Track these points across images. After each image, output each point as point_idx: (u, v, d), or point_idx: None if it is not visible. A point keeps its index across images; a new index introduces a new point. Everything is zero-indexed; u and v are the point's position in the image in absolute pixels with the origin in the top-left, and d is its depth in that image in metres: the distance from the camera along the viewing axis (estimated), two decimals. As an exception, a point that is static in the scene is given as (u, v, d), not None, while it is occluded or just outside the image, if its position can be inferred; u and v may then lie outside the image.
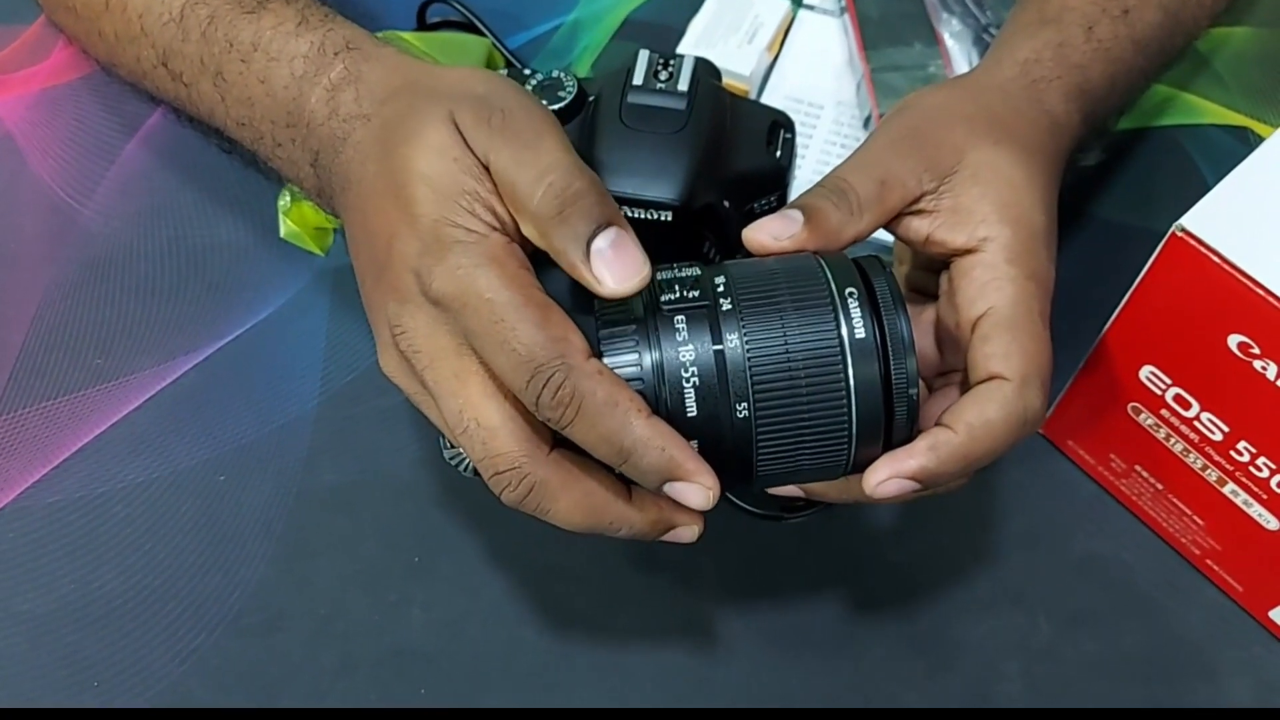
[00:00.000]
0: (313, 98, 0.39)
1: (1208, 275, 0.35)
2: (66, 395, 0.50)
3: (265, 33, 0.42)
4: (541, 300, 0.33)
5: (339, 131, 0.38)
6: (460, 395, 0.34)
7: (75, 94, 0.58)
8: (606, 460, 0.33)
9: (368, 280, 0.37)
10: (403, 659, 0.44)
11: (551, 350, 0.32)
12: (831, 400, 0.33)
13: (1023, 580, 0.45)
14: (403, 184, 0.34)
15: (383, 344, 0.36)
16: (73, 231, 0.54)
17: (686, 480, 0.33)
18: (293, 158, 0.41)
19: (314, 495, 0.47)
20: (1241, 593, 0.44)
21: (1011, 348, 0.35)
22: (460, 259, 0.33)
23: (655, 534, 0.36)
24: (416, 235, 0.34)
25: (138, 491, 0.47)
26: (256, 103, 0.42)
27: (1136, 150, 0.54)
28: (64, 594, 0.45)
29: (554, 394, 0.32)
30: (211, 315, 0.52)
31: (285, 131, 0.41)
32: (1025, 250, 0.36)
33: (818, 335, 0.32)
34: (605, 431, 0.32)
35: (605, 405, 0.32)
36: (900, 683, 0.43)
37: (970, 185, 0.37)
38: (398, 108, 0.37)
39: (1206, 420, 0.39)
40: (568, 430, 0.32)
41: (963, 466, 0.34)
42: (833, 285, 0.33)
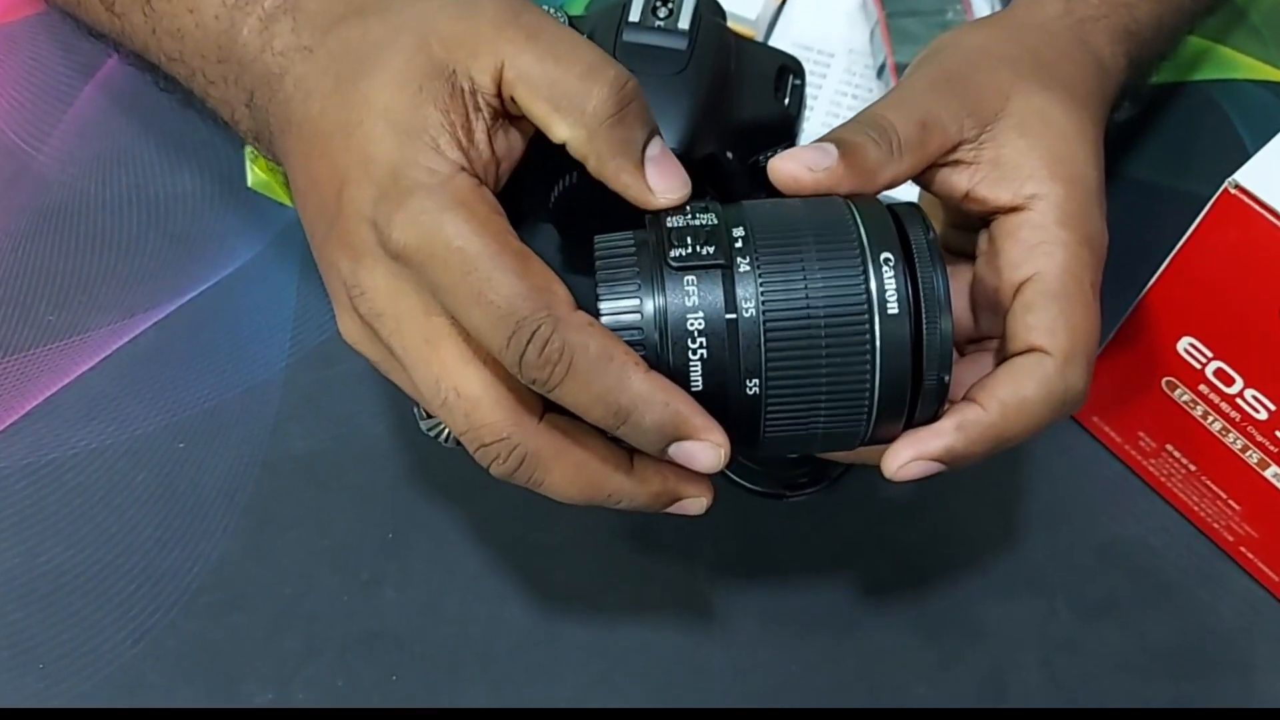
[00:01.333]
0: (245, 29, 0.35)
1: (1262, 237, 0.32)
2: (15, 354, 0.46)
3: None
4: (518, 248, 0.29)
5: (274, 66, 0.34)
6: (434, 363, 0.30)
7: (30, 31, 0.54)
8: (602, 424, 0.29)
9: (317, 235, 0.33)
10: (374, 642, 0.41)
11: (534, 301, 0.28)
12: (854, 368, 0.29)
13: (1042, 565, 0.42)
14: (357, 121, 0.31)
15: (340, 307, 0.33)
16: (26, 178, 0.50)
17: (694, 438, 0.29)
18: (226, 97, 0.37)
19: (281, 465, 0.44)
20: (1276, 582, 0.41)
21: (1058, 320, 0.31)
22: (423, 203, 0.29)
23: (659, 506, 0.32)
24: (371, 179, 0.30)
25: (90, 458, 0.44)
26: (186, 35, 0.38)
27: (1169, 106, 0.51)
28: (8, 568, 0.42)
29: (540, 350, 0.28)
30: (173, 270, 0.48)
31: (216, 68, 0.37)
32: (1078, 211, 0.32)
33: (844, 299, 0.29)
34: (600, 389, 0.28)
35: (599, 360, 0.28)
36: (909, 672, 0.40)
37: (1016, 135, 0.33)
38: (348, 36, 0.33)
39: (1250, 397, 0.36)
40: (557, 392, 0.29)
41: (993, 448, 0.31)
42: (865, 241, 0.29)
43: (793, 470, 0.43)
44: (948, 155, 0.33)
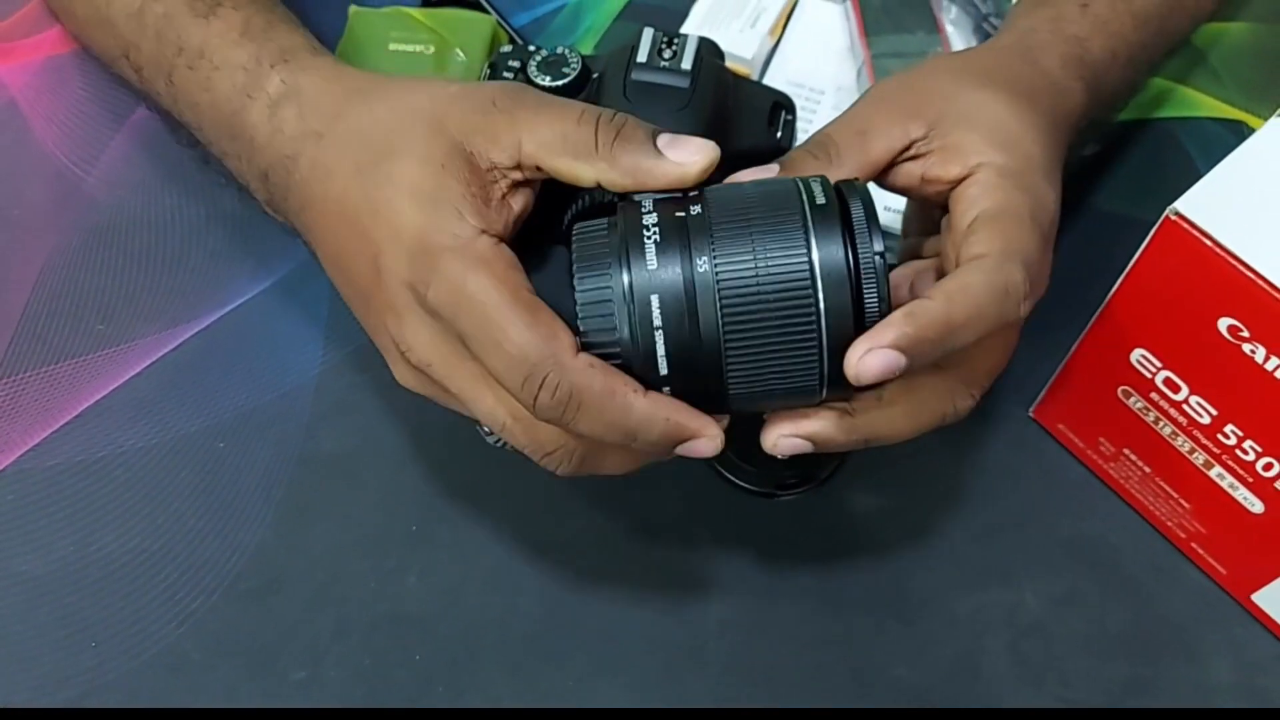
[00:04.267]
0: (253, 112, 0.40)
1: (1200, 259, 0.36)
2: (68, 360, 0.50)
3: (212, 39, 0.42)
4: (529, 300, 0.33)
5: (287, 149, 0.39)
6: (488, 396, 0.35)
7: (81, 62, 0.58)
8: (616, 443, 0.34)
9: (357, 305, 0.38)
10: (399, 624, 0.45)
11: (543, 349, 0.32)
12: (801, 323, 0.32)
13: (1011, 560, 0.46)
14: (385, 199, 0.35)
15: (393, 361, 0.37)
16: (76, 199, 0.54)
17: (695, 437, 0.34)
18: (240, 170, 0.42)
19: (314, 462, 0.48)
20: (1225, 575, 0.45)
21: (994, 233, 0.35)
22: (451, 264, 0.33)
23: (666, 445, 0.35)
24: (403, 247, 0.34)
25: (138, 456, 0.48)
26: (203, 110, 0.42)
27: (1132, 142, 0.55)
28: (63, 556, 0.46)
29: (552, 395, 0.32)
30: (214, 284, 0.52)
31: (230, 144, 0.41)
32: (1019, 169, 0.36)
33: (787, 259, 0.32)
34: (610, 420, 0.33)
35: (604, 396, 0.32)
36: (890, 655, 0.44)
37: (960, 124, 0.37)
38: (357, 123, 0.37)
39: (1195, 403, 0.40)
40: (572, 426, 0.33)
41: (943, 335, 0.33)
42: (806, 208, 0.33)
43: (783, 471, 0.47)
44: (904, 154, 0.37)
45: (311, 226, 0.38)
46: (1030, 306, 0.35)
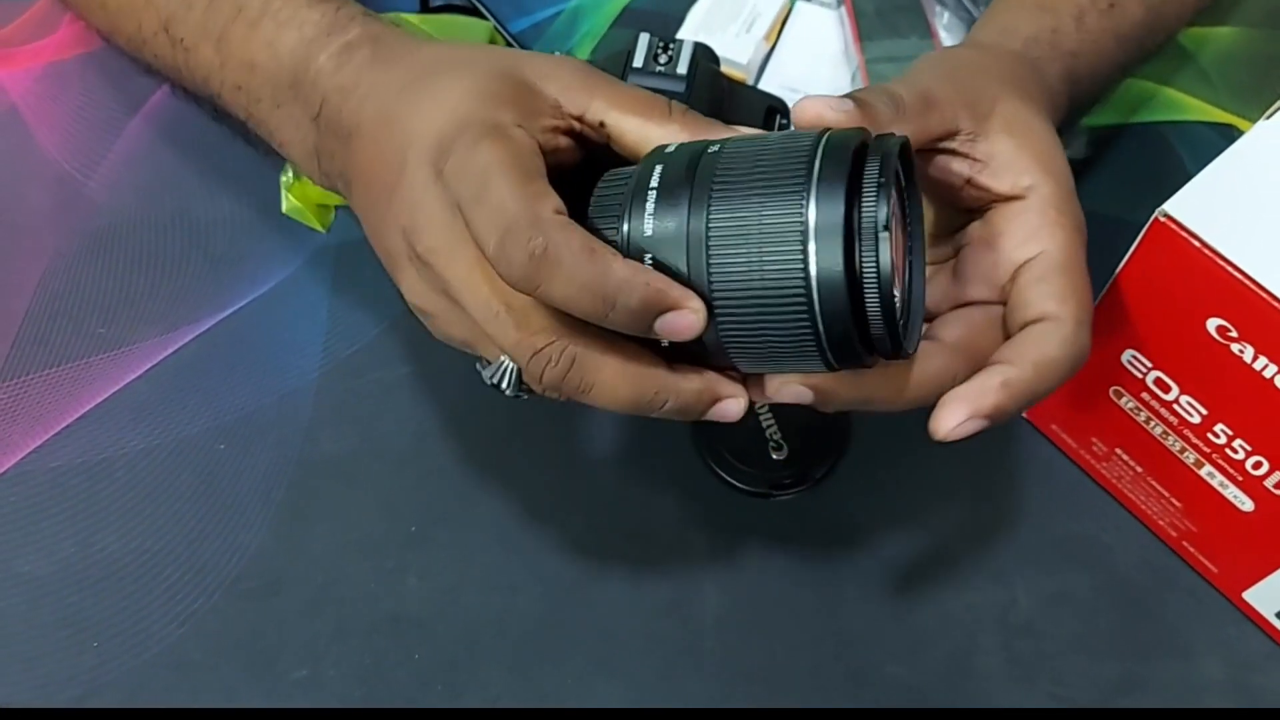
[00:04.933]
0: (321, 57, 0.41)
1: (1189, 260, 0.37)
2: (70, 363, 0.50)
3: (275, 1, 0.43)
4: (529, 170, 0.33)
5: (348, 80, 0.40)
6: (483, 283, 0.33)
7: (81, 68, 0.59)
8: (593, 312, 0.31)
9: (379, 208, 0.37)
10: (398, 624, 0.45)
11: (522, 206, 0.31)
12: (791, 287, 0.31)
13: (1004, 559, 0.47)
14: (434, 96, 0.35)
15: (401, 269, 0.36)
16: (77, 203, 0.55)
17: (676, 308, 0.31)
18: (293, 115, 0.42)
19: (314, 464, 0.48)
20: (1216, 574, 0.45)
21: (1068, 290, 0.36)
22: (474, 136, 0.33)
23: (701, 406, 0.34)
24: (436, 130, 0.34)
25: (139, 458, 0.48)
26: (259, 66, 0.43)
27: (1123, 145, 0.56)
28: (65, 556, 0.46)
29: (526, 251, 0.31)
30: (214, 287, 0.52)
31: (286, 92, 0.42)
32: (1067, 201, 0.37)
33: (782, 217, 0.31)
34: (586, 279, 0.31)
35: (581, 252, 0.31)
36: (883, 652, 0.44)
37: (1006, 135, 0.37)
38: (436, 51, 0.38)
39: (1185, 403, 0.41)
40: (545, 288, 0.31)
41: (1027, 403, 0.35)
42: (817, 164, 0.31)
43: (779, 472, 0.47)
44: (945, 143, 0.37)
45: (354, 150, 0.39)
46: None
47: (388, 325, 0.51)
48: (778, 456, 0.48)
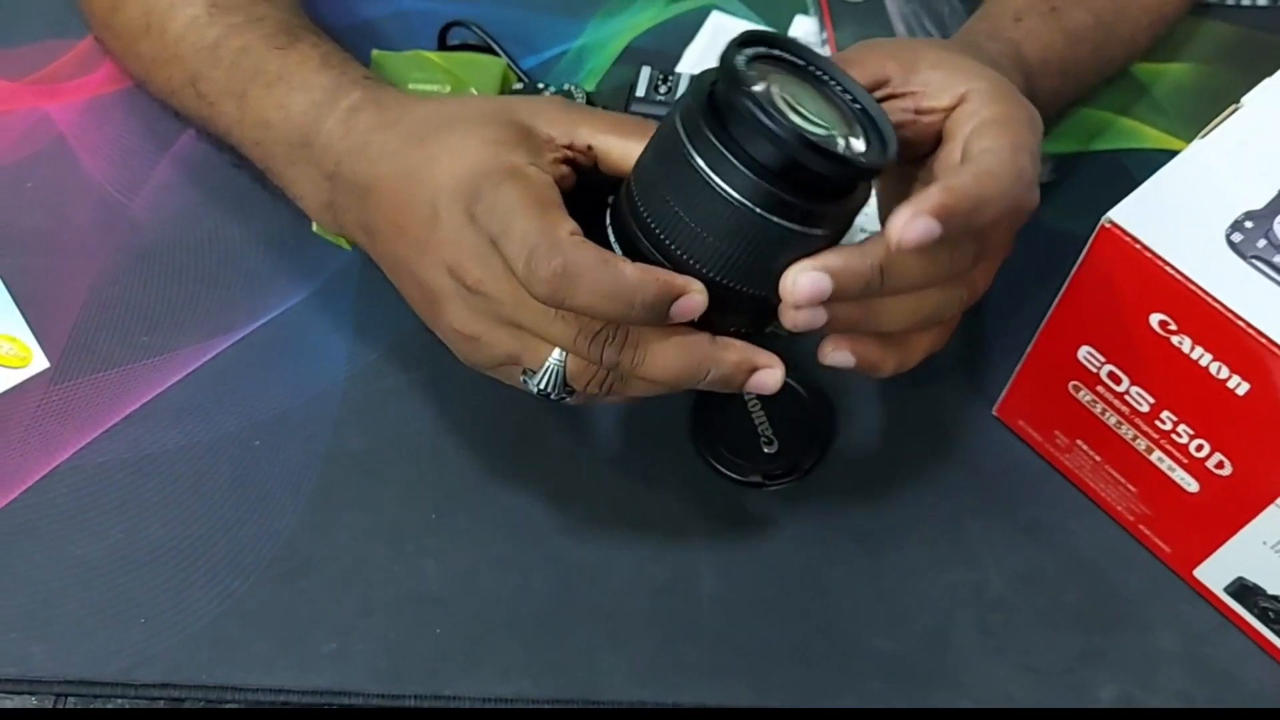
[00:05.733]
0: (330, 120, 0.46)
1: (1132, 262, 0.41)
2: (115, 368, 0.55)
3: (291, 66, 0.48)
4: (547, 202, 0.38)
5: (358, 142, 0.44)
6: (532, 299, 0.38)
7: (123, 101, 0.64)
8: (616, 314, 0.36)
9: (412, 258, 0.42)
10: (419, 603, 0.49)
11: (541, 232, 0.36)
12: (724, 212, 0.37)
13: (977, 543, 0.51)
14: (448, 149, 0.40)
15: (446, 299, 0.41)
16: (121, 224, 0.59)
17: (683, 293, 0.37)
18: (306, 172, 0.47)
19: (341, 458, 0.52)
20: (1170, 554, 0.49)
21: (1001, 130, 0.40)
22: (497, 179, 0.38)
23: (740, 376, 0.39)
24: (463, 179, 0.39)
25: (180, 454, 0.52)
26: (273, 126, 0.48)
27: (1084, 171, 0.60)
28: (114, 542, 0.50)
29: (549, 269, 0.36)
30: (247, 300, 0.57)
31: (299, 151, 0.47)
32: (1007, 93, 0.41)
33: (680, 174, 0.37)
34: (606, 287, 0.36)
35: (596, 264, 0.36)
36: (866, 627, 0.48)
37: (934, 68, 0.42)
38: (428, 111, 0.43)
39: (1135, 393, 0.45)
40: (570, 300, 0.36)
41: (972, 208, 0.37)
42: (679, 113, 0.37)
43: (769, 465, 0.52)
44: (886, 90, 0.42)
45: (373, 204, 0.43)
46: (1035, 198, 0.40)
47: (406, 333, 0.55)
48: (768, 450, 0.52)
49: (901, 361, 0.42)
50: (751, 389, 0.39)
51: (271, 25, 0.52)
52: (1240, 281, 0.40)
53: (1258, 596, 0.46)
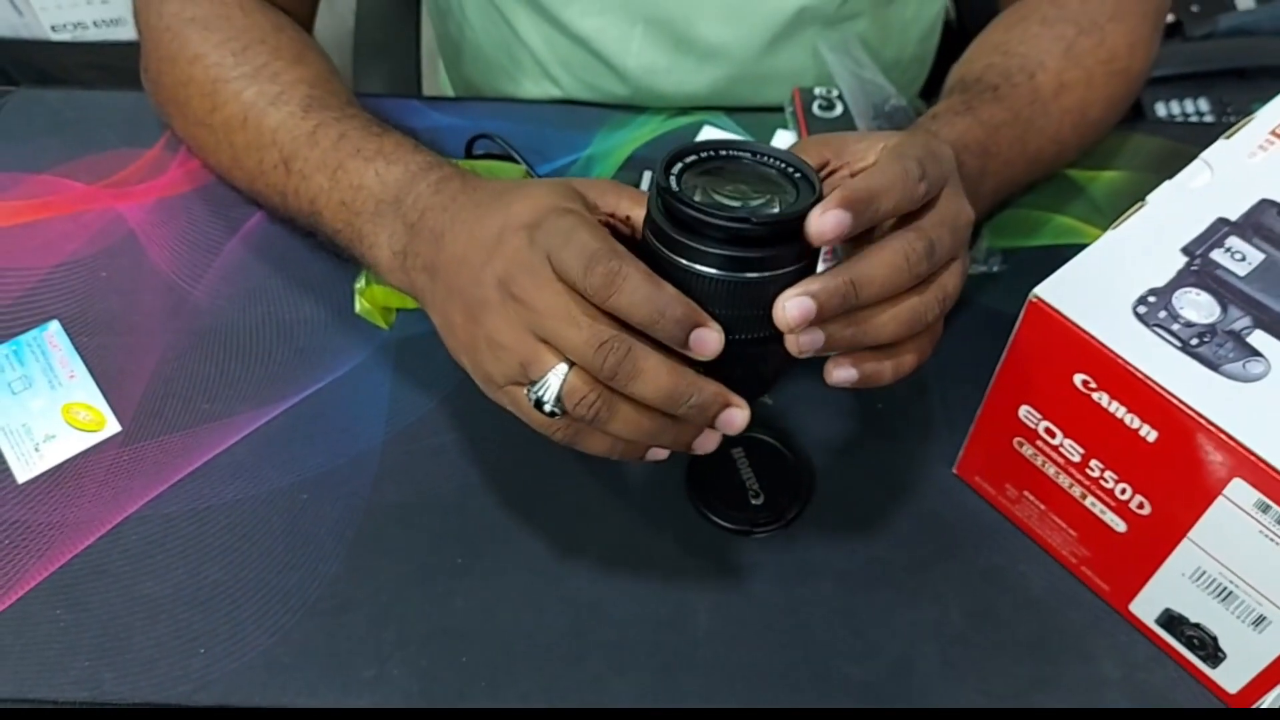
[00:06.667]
0: (423, 184, 0.55)
1: (1056, 329, 0.49)
2: (179, 432, 0.62)
3: (389, 146, 0.58)
4: (602, 230, 0.46)
5: (445, 200, 0.54)
6: (561, 298, 0.45)
7: (187, 202, 0.72)
8: (647, 319, 0.43)
9: (470, 275, 0.49)
10: (448, 635, 0.55)
11: (602, 244, 0.44)
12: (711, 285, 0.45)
13: (940, 584, 0.57)
14: (519, 194, 0.49)
15: (490, 309, 0.47)
16: (185, 308, 0.67)
17: (704, 325, 0.44)
18: (388, 224, 0.56)
19: (380, 511, 0.59)
20: (1108, 591, 0.56)
21: (892, 149, 0.48)
22: (560, 212, 0.47)
23: (715, 408, 0.45)
24: (530, 210, 0.47)
25: (237, 506, 0.59)
26: (366, 188, 0.57)
27: (1027, 262, 0.69)
28: (177, 582, 0.57)
29: (606, 268, 0.43)
30: (297, 373, 0.64)
31: (388, 206, 0.56)
32: (911, 132, 0.50)
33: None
34: (646, 294, 0.43)
35: (644, 275, 0.44)
36: (840, 657, 0.55)
37: (860, 140, 0.50)
38: (497, 187, 0.52)
39: (1068, 445, 0.52)
40: (615, 299, 0.43)
41: (868, 199, 0.45)
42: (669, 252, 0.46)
43: (756, 515, 0.59)
44: (825, 169, 0.50)
45: (445, 245, 0.52)
46: (926, 189, 0.47)
47: (439, 402, 0.63)
48: (756, 503, 0.59)
49: (897, 368, 0.49)
50: (720, 425, 0.46)
51: (364, 120, 0.62)
52: (1146, 346, 0.48)
53: (1183, 625, 0.53)
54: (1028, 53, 0.66)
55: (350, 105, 0.65)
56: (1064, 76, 0.65)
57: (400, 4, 1.02)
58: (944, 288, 0.48)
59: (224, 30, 0.66)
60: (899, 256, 0.46)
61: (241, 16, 0.67)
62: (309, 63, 0.67)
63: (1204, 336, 0.48)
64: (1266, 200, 0.53)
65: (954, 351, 0.63)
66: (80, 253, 0.70)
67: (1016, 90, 0.64)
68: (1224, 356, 0.47)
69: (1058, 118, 0.65)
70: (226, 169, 0.67)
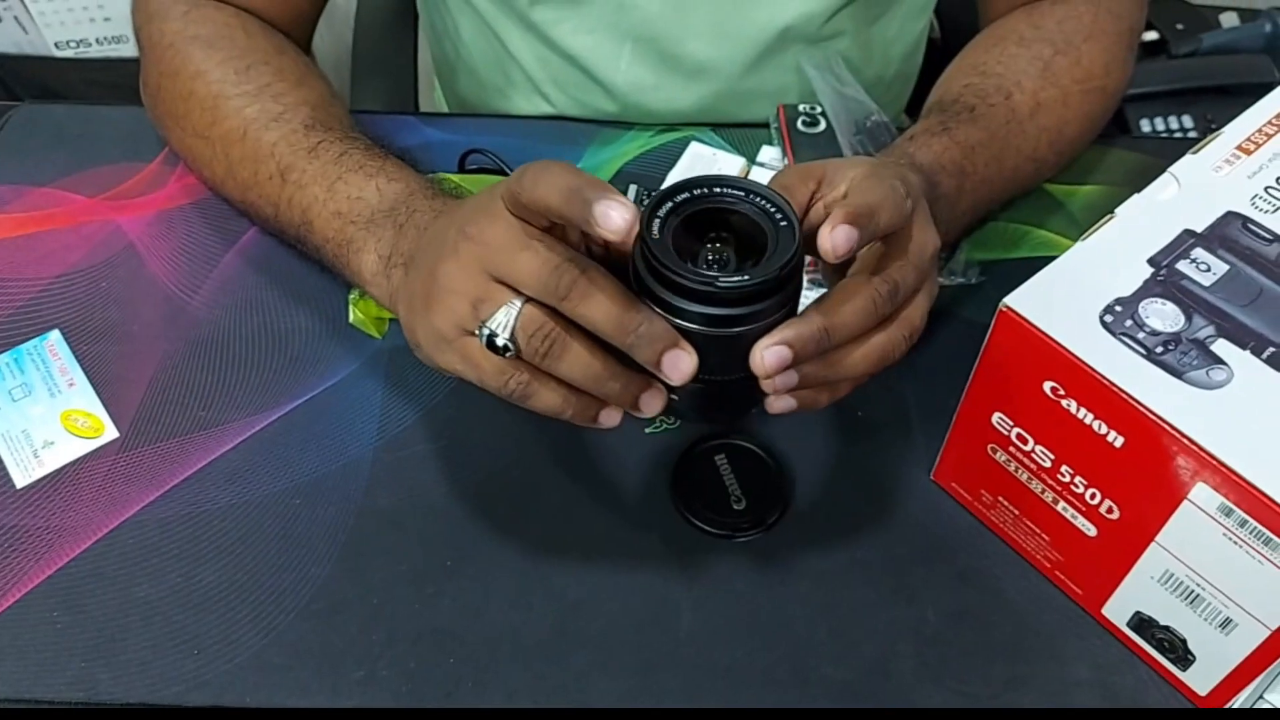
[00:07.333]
0: (420, 198, 0.58)
1: (1026, 338, 0.51)
2: (176, 438, 0.63)
3: (391, 165, 0.60)
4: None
5: (437, 206, 0.57)
6: (515, 229, 0.46)
7: (185, 214, 0.74)
8: (618, 229, 0.42)
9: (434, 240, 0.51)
10: (436, 636, 0.57)
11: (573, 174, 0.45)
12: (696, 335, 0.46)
13: (917, 587, 0.59)
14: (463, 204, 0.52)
15: (446, 255, 0.48)
16: (182, 318, 0.69)
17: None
18: (379, 231, 0.58)
19: (370, 515, 0.61)
20: (1081, 595, 0.57)
21: (868, 174, 0.48)
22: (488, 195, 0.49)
23: (661, 344, 0.44)
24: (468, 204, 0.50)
25: (231, 511, 0.61)
26: (364, 199, 0.59)
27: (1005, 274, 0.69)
28: (172, 585, 0.58)
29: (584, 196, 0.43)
30: (291, 381, 0.66)
31: (383, 215, 0.58)
32: (878, 161, 0.51)
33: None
34: (622, 210, 0.42)
35: (621, 201, 0.43)
36: (819, 657, 0.56)
37: (840, 168, 0.51)
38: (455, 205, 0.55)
39: (1039, 451, 0.54)
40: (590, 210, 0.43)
41: (868, 216, 0.45)
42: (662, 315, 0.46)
43: (738, 519, 0.60)
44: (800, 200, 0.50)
45: (427, 237, 0.54)
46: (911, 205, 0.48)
47: (429, 409, 0.65)
48: (738, 507, 0.60)
49: (833, 392, 0.51)
50: (665, 367, 0.45)
51: (367, 143, 0.64)
52: (1112, 354, 0.49)
53: (1153, 629, 0.54)
54: (1005, 73, 0.67)
55: (353, 129, 0.67)
56: (1040, 96, 0.67)
57: (397, 23, 1.04)
58: (910, 322, 0.50)
59: (227, 49, 0.68)
60: (866, 300, 0.48)
61: (244, 37, 0.69)
62: (311, 85, 0.69)
63: (1169, 345, 0.49)
64: (1231, 212, 0.54)
65: (933, 360, 0.65)
66: (81, 264, 0.71)
67: (993, 110, 0.65)
68: (1188, 364, 0.49)
69: (1034, 136, 0.66)
70: (220, 180, 0.68)
